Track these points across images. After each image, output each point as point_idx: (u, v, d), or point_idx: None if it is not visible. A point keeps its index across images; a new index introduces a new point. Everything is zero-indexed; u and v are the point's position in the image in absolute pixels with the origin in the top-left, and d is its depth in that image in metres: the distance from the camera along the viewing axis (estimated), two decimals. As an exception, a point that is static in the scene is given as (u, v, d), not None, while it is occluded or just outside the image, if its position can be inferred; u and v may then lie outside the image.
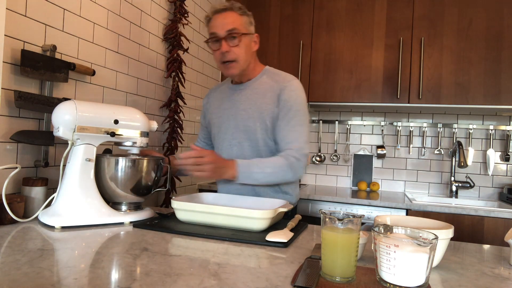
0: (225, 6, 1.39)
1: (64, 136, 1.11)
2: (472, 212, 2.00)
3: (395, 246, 0.68)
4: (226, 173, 1.29)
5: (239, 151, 1.44)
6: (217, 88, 1.63)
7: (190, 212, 1.15)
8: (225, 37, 1.37)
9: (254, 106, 1.42)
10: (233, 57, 1.38)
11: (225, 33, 1.36)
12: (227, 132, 1.47)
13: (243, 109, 1.44)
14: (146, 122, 1.27)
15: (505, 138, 2.56)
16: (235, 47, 1.37)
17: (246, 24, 1.40)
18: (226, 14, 1.38)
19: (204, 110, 1.64)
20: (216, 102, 1.56)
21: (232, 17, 1.37)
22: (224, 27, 1.37)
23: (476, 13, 2.29)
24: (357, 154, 2.81)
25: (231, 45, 1.37)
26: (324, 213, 0.77)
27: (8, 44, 1.17)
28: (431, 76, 2.35)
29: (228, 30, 1.36)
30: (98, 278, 0.70)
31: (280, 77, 1.45)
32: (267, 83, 1.45)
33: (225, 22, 1.37)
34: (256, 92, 1.44)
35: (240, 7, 1.40)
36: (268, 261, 0.86)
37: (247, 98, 1.45)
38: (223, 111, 1.50)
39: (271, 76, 1.47)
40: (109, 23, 1.62)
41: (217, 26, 1.38)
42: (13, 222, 1.07)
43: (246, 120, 1.42)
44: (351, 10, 2.51)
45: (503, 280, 0.81)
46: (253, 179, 1.32)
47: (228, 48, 1.37)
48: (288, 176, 1.36)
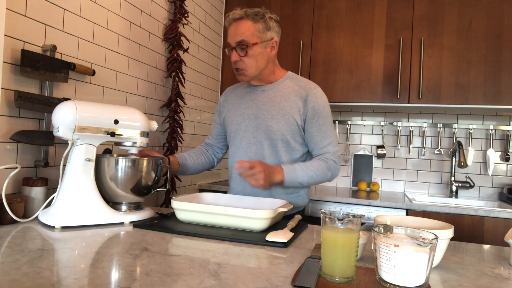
0: (240, 14, 1.41)
1: (64, 136, 1.11)
2: (472, 212, 2.00)
3: (395, 246, 0.68)
4: (275, 179, 1.34)
5: (258, 149, 1.47)
6: (236, 87, 1.65)
7: (190, 212, 1.15)
8: (235, 47, 1.41)
9: (277, 108, 1.46)
10: (241, 66, 1.43)
11: (235, 44, 1.41)
12: (247, 131, 1.49)
13: (265, 110, 1.47)
14: (146, 122, 1.27)
15: (505, 138, 2.56)
16: (244, 57, 1.41)
17: (259, 32, 1.41)
18: (239, 24, 1.40)
19: (220, 107, 1.65)
20: (235, 100, 1.58)
21: (244, 26, 1.39)
22: (234, 38, 1.41)
23: (476, 13, 2.29)
24: (357, 154, 2.81)
25: (240, 55, 1.41)
26: (324, 213, 0.77)
27: (8, 44, 1.17)
28: (431, 76, 2.35)
29: (237, 42, 1.40)
30: (98, 278, 0.70)
31: (304, 83, 1.51)
32: (291, 87, 1.49)
33: (236, 33, 1.40)
34: (280, 95, 1.48)
35: (256, 13, 1.41)
36: (268, 261, 0.86)
37: (270, 100, 1.48)
38: (244, 110, 1.52)
39: (294, 82, 1.52)
40: (109, 23, 1.62)
41: (230, 36, 1.42)
42: (13, 222, 1.07)
43: (268, 120, 1.45)
44: (351, 10, 2.51)
45: (503, 280, 0.81)
46: (298, 182, 1.39)
47: (237, 58, 1.41)
48: (327, 177, 1.45)
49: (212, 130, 1.70)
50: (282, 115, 1.45)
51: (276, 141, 1.45)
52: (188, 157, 1.56)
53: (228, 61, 2.78)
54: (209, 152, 1.68)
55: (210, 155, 1.67)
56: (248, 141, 1.49)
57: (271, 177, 1.33)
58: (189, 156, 1.57)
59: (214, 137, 1.68)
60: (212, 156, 1.68)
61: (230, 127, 1.56)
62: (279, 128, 1.44)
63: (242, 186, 1.51)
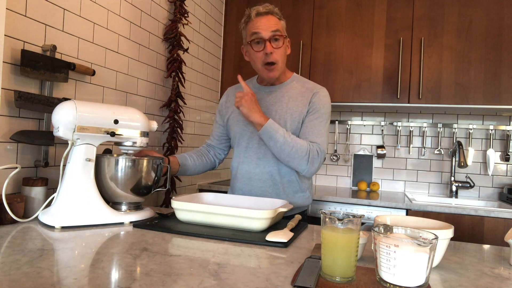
0: (267, 9, 1.42)
1: (64, 136, 1.11)
2: (472, 212, 2.00)
3: (395, 246, 0.68)
4: (256, 114, 1.35)
5: (267, 150, 1.46)
6: (238, 87, 1.63)
7: (190, 212, 1.15)
8: (269, 38, 1.40)
9: (285, 108, 1.48)
10: (275, 58, 1.42)
11: (270, 34, 1.40)
12: (255, 131, 1.48)
13: (273, 110, 1.48)
14: (146, 122, 1.27)
15: (505, 138, 2.56)
16: (277, 49, 1.41)
17: (283, 28, 1.46)
18: (269, 17, 1.42)
19: (222, 108, 1.64)
20: None
21: (274, 19, 1.42)
22: (269, 28, 1.40)
23: (476, 13, 2.29)
24: (357, 154, 2.81)
25: (274, 46, 1.41)
26: (324, 213, 0.77)
27: (8, 44, 1.17)
28: (431, 76, 2.35)
29: (273, 31, 1.40)
30: (98, 278, 0.70)
31: (310, 84, 1.53)
32: (297, 88, 1.51)
33: (269, 24, 1.40)
34: (288, 96, 1.49)
35: (278, 12, 1.46)
36: (268, 261, 0.86)
37: (278, 100, 1.50)
38: None
39: (301, 83, 1.53)
40: (109, 23, 1.62)
41: (261, 27, 1.40)
42: (13, 222, 1.07)
43: (277, 120, 1.46)
44: (351, 10, 2.51)
45: (503, 280, 0.81)
46: (273, 139, 1.35)
47: (272, 49, 1.40)
48: (302, 162, 1.37)
49: (213, 131, 1.69)
50: (290, 115, 1.46)
51: None
52: (189, 158, 1.55)
53: (229, 61, 2.79)
54: (211, 153, 1.67)
55: (211, 156, 1.67)
56: (257, 141, 1.48)
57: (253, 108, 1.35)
58: (190, 157, 1.56)
59: (216, 138, 1.67)
60: (214, 158, 1.67)
61: (236, 128, 1.54)
62: (286, 128, 1.45)
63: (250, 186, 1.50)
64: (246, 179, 1.51)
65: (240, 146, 1.53)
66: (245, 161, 1.50)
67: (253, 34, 1.41)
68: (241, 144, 1.53)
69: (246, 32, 1.46)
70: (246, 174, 1.50)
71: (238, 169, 1.54)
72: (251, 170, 1.49)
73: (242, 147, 1.52)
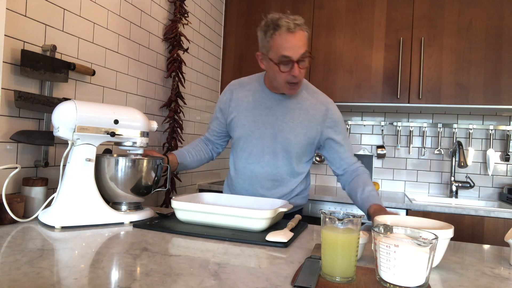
0: (296, 22, 1.30)
1: (64, 136, 1.11)
2: (472, 212, 2.00)
3: (395, 246, 0.68)
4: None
5: (272, 159, 1.45)
6: (243, 85, 1.55)
7: (190, 212, 1.15)
8: (298, 60, 1.32)
9: (296, 121, 1.44)
10: (301, 78, 1.37)
11: (299, 56, 1.31)
12: (262, 139, 1.46)
13: (284, 121, 1.44)
14: (146, 122, 1.27)
15: (505, 138, 2.56)
16: (303, 69, 1.35)
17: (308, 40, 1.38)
18: (299, 35, 1.31)
19: (224, 106, 1.55)
20: (246, 103, 1.50)
21: (303, 37, 1.33)
22: (298, 51, 1.30)
23: (476, 13, 2.29)
24: (357, 154, 2.81)
25: (301, 67, 1.33)
26: (324, 213, 0.77)
27: (8, 44, 1.17)
28: (431, 76, 2.35)
29: (302, 54, 1.31)
30: (98, 278, 0.70)
31: (320, 96, 1.51)
32: (308, 99, 1.48)
33: (299, 45, 1.31)
34: (299, 107, 1.46)
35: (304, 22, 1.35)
36: (268, 261, 0.86)
37: (289, 111, 1.45)
38: (258, 117, 1.47)
39: (311, 94, 1.51)
40: (109, 23, 1.62)
41: (291, 49, 1.30)
42: (13, 222, 1.07)
43: (287, 132, 1.43)
44: (351, 10, 2.51)
45: (503, 280, 0.81)
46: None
47: (299, 71, 1.33)
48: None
49: (212, 126, 1.62)
50: (301, 129, 1.44)
51: (291, 153, 1.45)
52: (187, 155, 1.54)
53: (229, 61, 2.78)
54: (209, 148, 1.65)
55: (210, 150, 1.65)
56: (262, 149, 1.46)
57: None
58: (188, 153, 1.54)
59: (215, 134, 1.62)
60: (212, 152, 1.66)
61: (240, 130, 1.50)
62: (297, 142, 1.43)
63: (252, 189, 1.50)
64: (248, 183, 1.50)
65: (243, 151, 1.50)
66: (247, 166, 1.49)
67: (282, 56, 1.30)
68: (245, 149, 1.49)
69: (270, 45, 1.33)
70: (248, 178, 1.50)
71: (239, 173, 1.52)
72: (253, 175, 1.48)
73: (245, 153, 1.49)
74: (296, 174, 1.49)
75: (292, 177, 1.48)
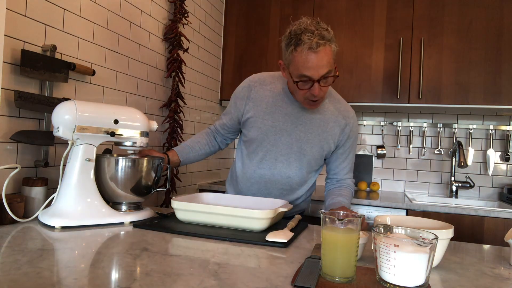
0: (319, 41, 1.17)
1: (64, 136, 1.11)
2: (472, 212, 2.00)
3: (395, 246, 0.68)
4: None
5: (284, 167, 1.43)
6: (264, 84, 1.45)
7: (190, 212, 1.15)
8: (319, 79, 1.22)
9: (315, 132, 1.40)
10: (322, 96, 1.28)
11: (320, 77, 1.22)
12: (277, 146, 1.42)
13: (301, 131, 1.40)
14: (146, 122, 1.27)
15: (505, 138, 2.56)
16: (325, 87, 1.26)
17: (334, 55, 1.25)
18: (322, 53, 1.19)
19: (240, 103, 1.45)
20: (265, 106, 1.42)
21: (327, 55, 1.20)
22: (320, 71, 1.20)
23: (476, 13, 2.29)
24: (357, 154, 2.81)
25: (322, 85, 1.24)
26: (324, 213, 0.77)
27: (8, 44, 1.17)
28: (431, 76, 2.35)
29: (323, 75, 1.21)
30: (98, 278, 0.70)
31: (342, 106, 1.47)
32: (330, 110, 1.43)
33: (321, 65, 1.20)
34: (319, 118, 1.41)
35: (333, 38, 1.23)
36: (268, 261, 0.86)
37: (308, 121, 1.40)
38: (276, 122, 1.40)
39: (333, 103, 1.45)
40: (109, 23, 1.62)
41: (312, 69, 1.20)
42: (13, 222, 1.07)
43: (304, 143, 1.40)
44: (351, 10, 2.51)
45: (503, 280, 0.81)
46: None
47: (320, 91, 1.25)
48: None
49: (224, 119, 1.53)
50: (318, 141, 1.41)
51: (304, 163, 1.43)
52: (191, 150, 1.50)
53: (229, 61, 2.78)
54: (217, 140, 1.59)
55: (218, 142, 1.59)
56: (275, 157, 1.42)
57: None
58: (192, 149, 1.51)
59: (225, 128, 1.54)
60: (220, 144, 1.60)
61: (255, 132, 1.43)
62: (312, 153, 1.42)
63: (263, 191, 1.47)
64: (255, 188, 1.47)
65: (255, 154, 1.45)
66: (257, 171, 1.45)
67: (302, 75, 1.22)
68: (257, 152, 1.44)
69: (291, 60, 1.23)
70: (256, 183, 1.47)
71: (247, 175, 1.48)
72: (262, 180, 1.45)
73: (257, 156, 1.44)
74: (304, 183, 1.48)
75: (301, 186, 1.48)
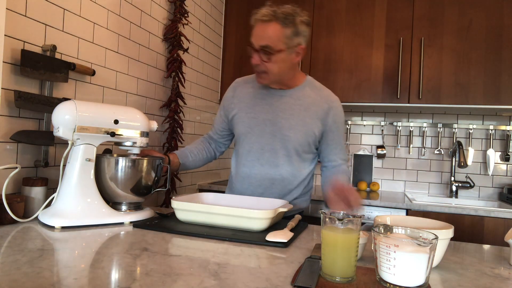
0: (269, 16, 1.28)
1: (64, 136, 1.11)
2: (472, 212, 2.00)
3: (395, 246, 0.68)
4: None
5: (271, 156, 1.44)
6: (247, 82, 1.54)
7: (190, 212, 1.15)
8: (258, 50, 1.32)
9: (297, 118, 1.42)
10: (263, 69, 1.34)
11: (259, 47, 1.31)
12: (262, 136, 1.44)
13: (283, 118, 1.42)
14: (146, 122, 1.27)
15: (505, 138, 2.56)
16: (266, 62, 1.32)
17: (287, 38, 1.30)
18: (267, 26, 1.29)
19: (226, 103, 1.55)
20: (248, 100, 1.49)
21: (272, 30, 1.28)
22: (259, 41, 1.31)
23: (476, 13, 2.29)
24: (357, 154, 2.81)
25: (263, 59, 1.32)
26: (324, 213, 0.77)
27: (8, 44, 1.17)
28: (431, 76, 2.35)
29: (261, 46, 1.30)
30: (98, 278, 0.70)
31: (325, 93, 1.48)
32: (311, 97, 1.45)
33: (262, 36, 1.30)
34: (299, 104, 1.43)
35: (287, 15, 1.29)
36: (268, 261, 0.86)
37: (289, 108, 1.43)
38: (258, 114, 1.45)
39: (315, 90, 1.47)
40: (109, 23, 1.62)
41: (254, 37, 1.32)
42: (13, 222, 1.07)
43: (286, 130, 1.42)
44: (351, 10, 2.51)
45: (503, 280, 0.81)
46: None
47: (258, 62, 1.33)
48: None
49: (216, 125, 1.61)
50: (301, 126, 1.41)
51: (291, 150, 1.42)
52: (189, 155, 1.53)
53: (229, 61, 2.79)
54: (212, 147, 1.63)
55: (212, 149, 1.63)
56: (262, 147, 1.44)
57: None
58: (190, 153, 1.54)
59: (218, 132, 1.61)
60: (215, 151, 1.64)
61: (240, 128, 1.48)
62: (297, 139, 1.41)
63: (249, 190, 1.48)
64: (247, 182, 1.48)
65: (242, 148, 1.48)
66: (246, 164, 1.47)
67: (249, 42, 1.34)
68: (244, 146, 1.48)
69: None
70: (247, 177, 1.48)
71: (238, 171, 1.51)
72: (252, 173, 1.46)
73: (245, 150, 1.47)
74: (297, 175, 1.46)
75: (293, 178, 1.45)
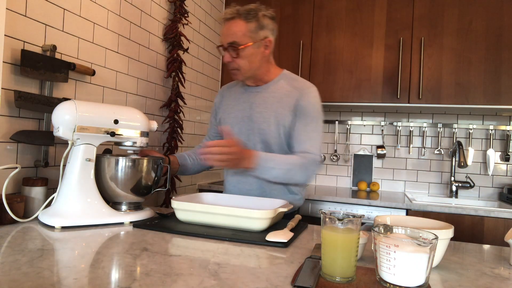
0: (231, 13, 1.37)
1: (64, 136, 1.11)
2: (472, 212, 2.00)
3: (395, 246, 0.68)
4: (244, 164, 1.27)
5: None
6: (231, 87, 1.61)
7: (190, 212, 1.15)
8: (226, 48, 1.39)
9: (270, 110, 1.42)
10: (234, 66, 1.41)
11: (227, 45, 1.38)
12: (241, 134, 1.46)
13: (258, 112, 1.44)
14: (146, 122, 1.27)
15: (505, 138, 2.56)
16: (236, 58, 1.39)
17: (252, 32, 1.36)
18: (231, 24, 1.37)
19: (215, 108, 1.62)
20: (230, 101, 1.54)
21: (236, 27, 1.36)
22: (226, 39, 1.38)
23: (476, 13, 2.29)
24: (357, 154, 2.81)
25: (233, 56, 1.38)
26: (324, 213, 0.77)
27: (8, 44, 1.17)
28: (431, 76, 2.35)
29: (228, 43, 1.37)
30: (98, 278, 0.70)
31: (299, 83, 1.46)
32: (284, 88, 1.45)
33: (228, 33, 1.37)
34: (273, 96, 1.44)
35: (249, 11, 1.36)
36: (268, 261, 0.86)
37: (263, 101, 1.45)
38: (238, 112, 1.49)
39: (289, 82, 1.47)
40: (109, 23, 1.62)
41: (222, 36, 1.40)
42: (13, 222, 1.07)
43: (261, 123, 1.42)
44: (351, 10, 2.51)
45: (503, 280, 0.81)
46: (269, 175, 1.33)
47: (229, 59, 1.39)
48: (300, 177, 1.37)
49: (209, 131, 1.68)
50: (274, 117, 1.41)
51: (270, 144, 1.42)
52: (188, 158, 1.55)
53: (228, 61, 2.78)
54: None
55: None
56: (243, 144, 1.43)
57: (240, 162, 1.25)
58: (189, 157, 1.56)
59: (212, 138, 1.65)
60: None
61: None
62: (271, 131, 1.41)
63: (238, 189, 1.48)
64: (235, 180, 1.49)
65: None
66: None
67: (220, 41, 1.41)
68: None
69: None
70: (235, 177, 1.49)
71: (227, 170, 1.53)
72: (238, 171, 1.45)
73: None
74: None
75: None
